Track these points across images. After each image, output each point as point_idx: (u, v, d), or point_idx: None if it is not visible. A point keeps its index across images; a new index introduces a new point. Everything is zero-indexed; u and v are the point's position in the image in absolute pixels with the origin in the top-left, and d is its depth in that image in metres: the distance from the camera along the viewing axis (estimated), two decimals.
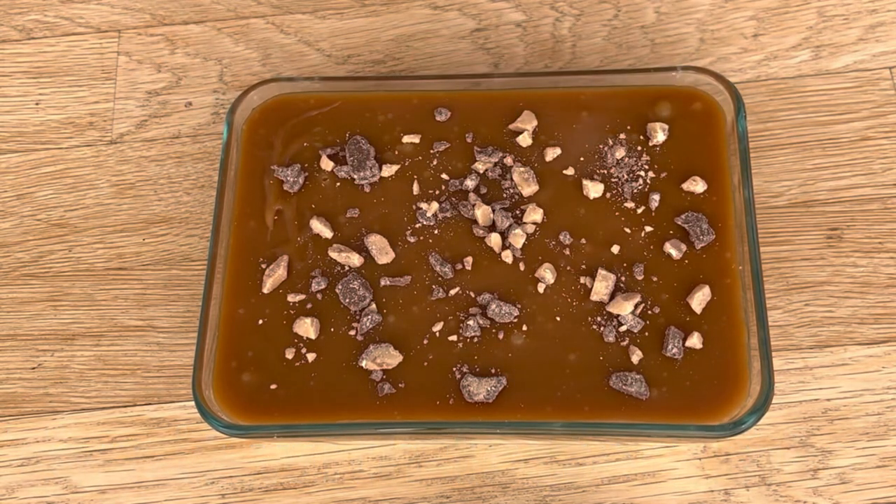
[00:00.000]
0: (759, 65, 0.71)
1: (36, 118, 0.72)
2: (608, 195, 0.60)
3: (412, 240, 0.60)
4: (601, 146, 0.61)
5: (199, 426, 0.62)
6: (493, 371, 0.56)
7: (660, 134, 0.61)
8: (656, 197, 0.60)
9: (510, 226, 0.59)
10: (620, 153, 0.61)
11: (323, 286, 0.59)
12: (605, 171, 0.61)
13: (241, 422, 0.56)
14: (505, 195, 0.61)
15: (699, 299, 0.57)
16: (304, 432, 0.57)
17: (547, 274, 0.58)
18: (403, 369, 0.56)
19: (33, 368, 0.65)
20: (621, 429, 0.55)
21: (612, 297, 0.57)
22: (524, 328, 0.57)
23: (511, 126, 0.62)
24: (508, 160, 0.61)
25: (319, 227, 0.60)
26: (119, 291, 0.66)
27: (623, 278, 0.58)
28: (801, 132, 0.68)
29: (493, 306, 0.57)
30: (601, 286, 0.57)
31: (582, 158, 0.61)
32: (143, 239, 0.68)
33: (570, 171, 0.61)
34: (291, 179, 0.61)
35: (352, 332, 0.58)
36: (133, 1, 0.76)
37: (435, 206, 0.60)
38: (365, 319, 0.57)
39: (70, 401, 0.63)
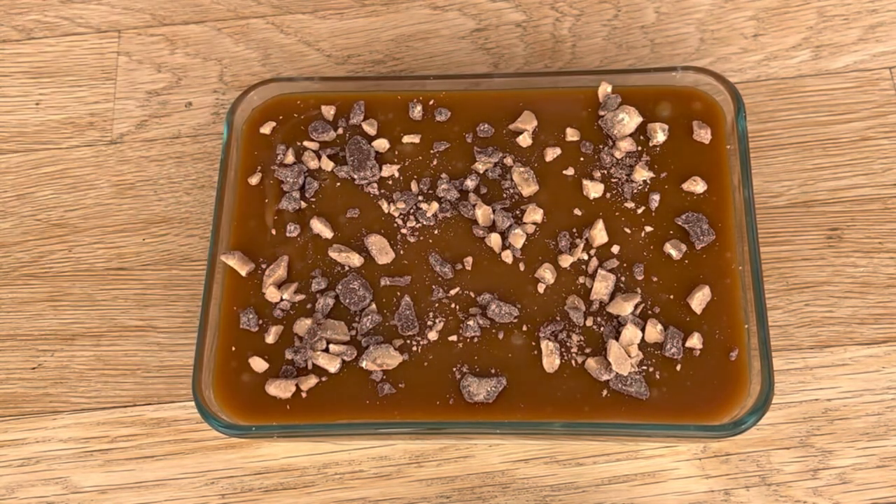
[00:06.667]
0: (759, 65, 0.71)
1: (36, 118, 0.72)
2: (608, 195, 0.60)
3: (412, 240, 0.60)
4: (601, 146, 0.61)
5: (199, 426, 0.62)
6: (493, 371, 0.56)
7: (660, 134, 0.61)
8: (656, 197, 0.60)
9: (510, 226, 0.59)
10: (620, 153, 0.61)
11: (323, 286, 0.59)
12: (605, 171, 0.61)
13: (241, 422, 0.56)
14: (505, 195, 0.61)
15: (699, 299, 0.57)
16: (304, 432, 0.57)
17: (547, 274, 0.58)
18: (403, 369, 0.56)
19: (33, 368, 0.65)
20: (621, 429, 0.55)
21: (612, 297, 0.57)
22: (524, 328, 0.57)
23: (511, 126, 0.62)
24: (508, 160, 0.61)
25: (319, 227, 0.60)
26: (119, 291, 0.66)
27: (623, 278, 0.58)
28: (801, 132, 0.68)
29: (493, 306, 0.57)
30: (601, 286, 0.57)
31: (582, 159, 0.61)
32: (143, 239, 0.68)
33: (570, 171, 0.61)
34: (291, 179, 0.61)
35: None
36: (133, 1, 0.76)
37: (435, 206, 0.60)
38: (365, 319, 0.57)
39: (70, 401, 0.63)
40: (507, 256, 0.59)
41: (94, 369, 0.64)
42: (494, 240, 0.59)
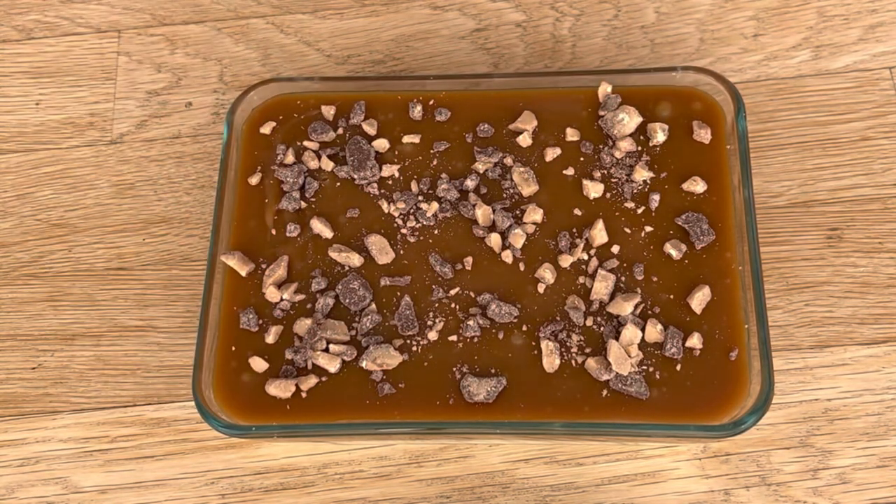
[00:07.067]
0: (759, 65, 0.71)
1: (36, 118, 0.72)
2: (608, 195, 0.60)
3: (412, 240, 0.60)
4: (601, 146, 0.61)
5: (199, 426, 0.62)
6: (493, 371, 0.56)
7: (660, 134, 0.61)
8: (656, 197, 0.60)
9: (510, 226, 0.59)
10: (620, 153, 0.61)
11: (323, 286, 0.59)
12: (605, 171, 0.61)
13: (241, 422, 0.56)
14: (505, 195, 0.61)
15: (699, 299, 0.57)
16: (304, 432, 0.57)
17: (547, 274, 0.58)
18: (403, 369, 0.56)
19: (33, 368, 0.65)
20: (621, 429, 0.55)
21: (612, 297, 0.57)
22: (524, 328, 0.57)
23: (511, 126, 0.62)
24: (508, 160, 0.61)
25: (319, 227, 0.60)
26: (119, 291, 0.66)
27: (623, 278, 0.58)
28: (801, 132, 0.68)
29: (493, 306, 0.57)
30: (601, 286, 0.57)
31: (582, 159, 0.61)
32: (143, 239, 0.68)
33: (570, 171, 0.61)
34: (291, 179, 0.61)
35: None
36: (133, 1, 0.76)
37: (435, 206, 0.60)
38: (365, 319, 0.57)
39: (70, 401, 0.63)
40: (507, 256, 0.59)
41: (94, 369, 0.64)
42: (494, 240, 0.59)
